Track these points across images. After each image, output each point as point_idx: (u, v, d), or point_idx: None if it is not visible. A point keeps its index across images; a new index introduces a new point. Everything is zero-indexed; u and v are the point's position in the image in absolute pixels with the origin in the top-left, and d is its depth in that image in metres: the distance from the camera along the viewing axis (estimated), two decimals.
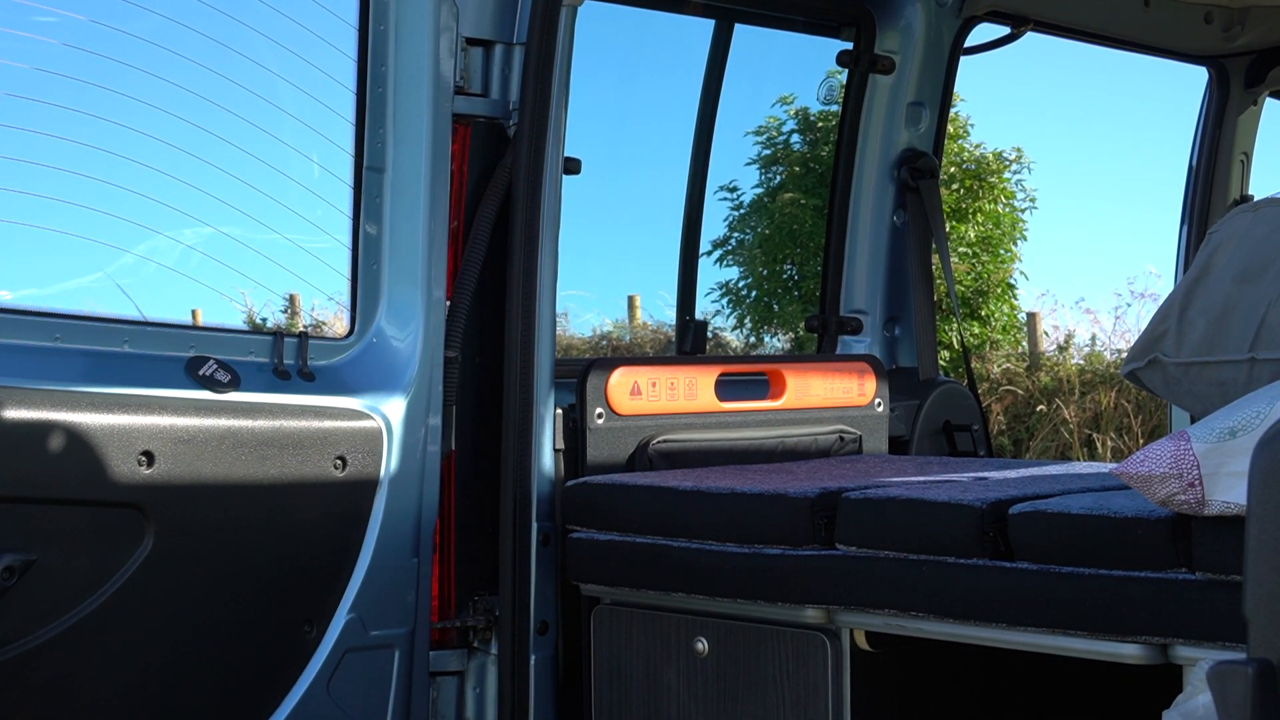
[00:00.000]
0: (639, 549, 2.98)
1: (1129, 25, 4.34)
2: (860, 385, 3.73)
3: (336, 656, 2.91)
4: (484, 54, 3.15)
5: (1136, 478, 2.38)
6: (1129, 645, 2.48)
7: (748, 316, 13.56)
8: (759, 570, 2.82)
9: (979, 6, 4.06)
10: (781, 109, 11.66)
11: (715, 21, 4.13)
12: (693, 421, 3.41)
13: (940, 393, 4.05)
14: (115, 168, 3.14)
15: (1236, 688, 1.60)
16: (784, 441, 3.57)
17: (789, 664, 2.82)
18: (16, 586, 2.49)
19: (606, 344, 13.93)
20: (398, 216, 3.06)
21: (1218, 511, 2.34)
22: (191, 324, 3.09)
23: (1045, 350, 13.53)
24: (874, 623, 2.76)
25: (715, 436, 3.45)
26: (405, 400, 3.00)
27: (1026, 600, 2.56)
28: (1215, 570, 2.38)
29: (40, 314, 2.68)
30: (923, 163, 4.10)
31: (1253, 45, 4.53)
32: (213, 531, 2.69)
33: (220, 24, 3.10)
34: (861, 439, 3.71)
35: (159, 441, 2.63)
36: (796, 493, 2.82)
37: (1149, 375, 2.86)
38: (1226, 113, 4.69)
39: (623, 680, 3.05)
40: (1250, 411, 2.34)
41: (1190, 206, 4.77)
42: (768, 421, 3.56)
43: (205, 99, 3.20)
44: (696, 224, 4.36)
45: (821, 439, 3.64)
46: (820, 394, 3.65)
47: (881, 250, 4.12)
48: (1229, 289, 2.74)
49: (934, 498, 2.69)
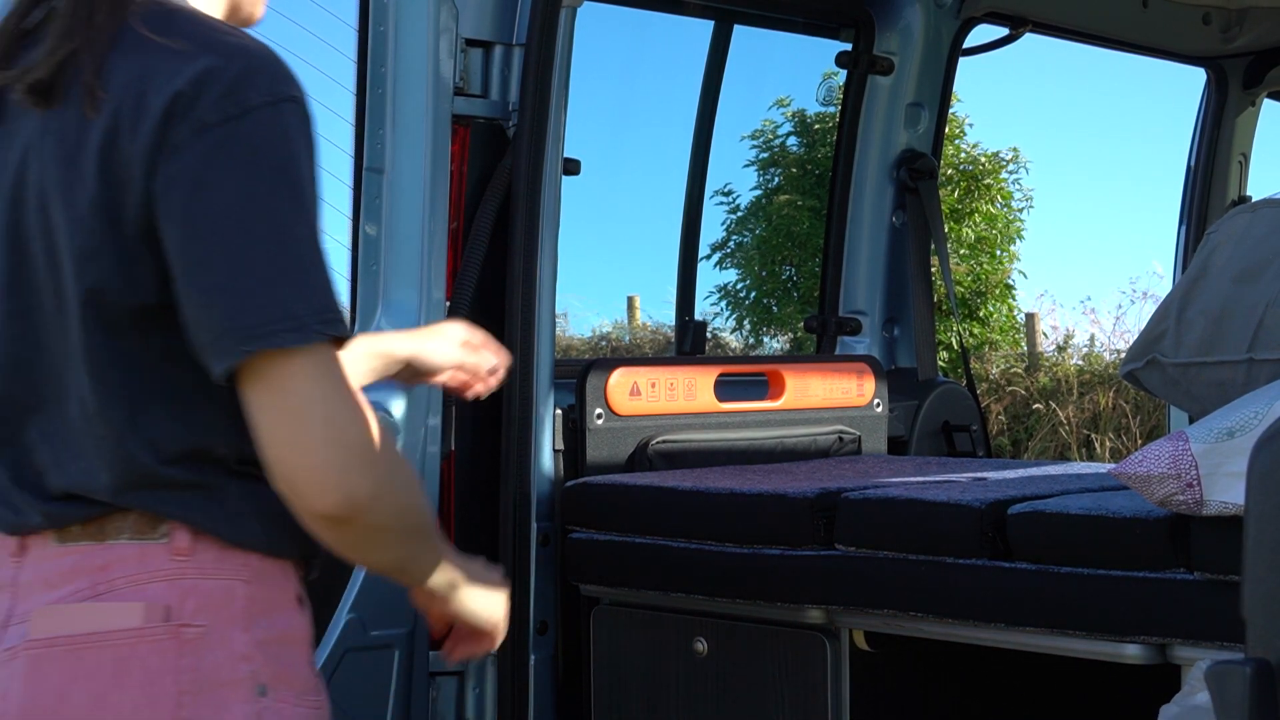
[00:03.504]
0: (639, 549, 2.99)
1: (1127, 26, 4.34)
2: (859, 386, 3.73)
3: (336, 656, 2.91)
4: (484, 55, 3.15)
5: (1135, 478, 2.39)
6: (1127, 645, 2.49)
7: (746, 318, 13.56)
8: (759, 570, 2.83)
9: (978, 8, 4.07)
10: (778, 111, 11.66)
11: (714, 23, 4.14)
12: (692, 422, 3.42)
13: (939, 393, 4.05)
14: None
15: (1234, 687, 1.60)
16: (783, 442, 3.57)
17: (789, 664, 2.82)
18: None
19: (606, 344, 13.93)
20: (397, 217, 3.06)
21: (1216, 512, 2.34)
22: None
23: (1044, 351, 13.54)
24: (873, 623, 2.76)
25: (715, 437, 3.45)
26: (404, 400, 3.00)
27: (1025, 600, 2.57)
28: (1213, 570, 2.39)
29: None
30: (922, 164, 4.10)
31: (1251, 46, 4.54)
32: None
33: None
34: (861, 439, 3.71)
35: None
36: (796, 493, 2.82)
37: (1147, 376, 2.86)
38: (1225, 114, 4.69)
39: (622, 680, 3.05)
40: (1248, 412, 2.34)
41: (1189, 207, 4.78)
42: (767, 422, 3.56)
43: None
44: (696, 223, 4.36)
45: (821, 439, 3.64)
46: (819, 394, 3.66)
47: (880, 251, 4.12)
48: (1227, 289, 2.75)
49: (933, 498, 2.70)
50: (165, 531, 1.80)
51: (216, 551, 1.82)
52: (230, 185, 1.72)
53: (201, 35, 1.78)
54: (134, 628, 1.78)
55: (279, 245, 1.73)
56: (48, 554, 1.83)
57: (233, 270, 1.71)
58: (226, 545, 1.82)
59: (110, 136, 1.74)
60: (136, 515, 1.80)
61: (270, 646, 1.83)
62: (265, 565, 1.84)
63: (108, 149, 1.74)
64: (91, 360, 1.78)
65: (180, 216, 1.72)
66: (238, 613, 1.82)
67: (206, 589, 1.81)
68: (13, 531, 1.84)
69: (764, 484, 2.94)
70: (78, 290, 1.76)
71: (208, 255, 1.71)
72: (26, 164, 1.80)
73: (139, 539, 1.80)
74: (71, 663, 1.78)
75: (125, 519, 1.80)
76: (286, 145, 1.76)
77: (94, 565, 1.81)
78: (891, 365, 4.09)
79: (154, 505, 1.80)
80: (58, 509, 1.82)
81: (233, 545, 1.82)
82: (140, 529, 1.81)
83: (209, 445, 1.81)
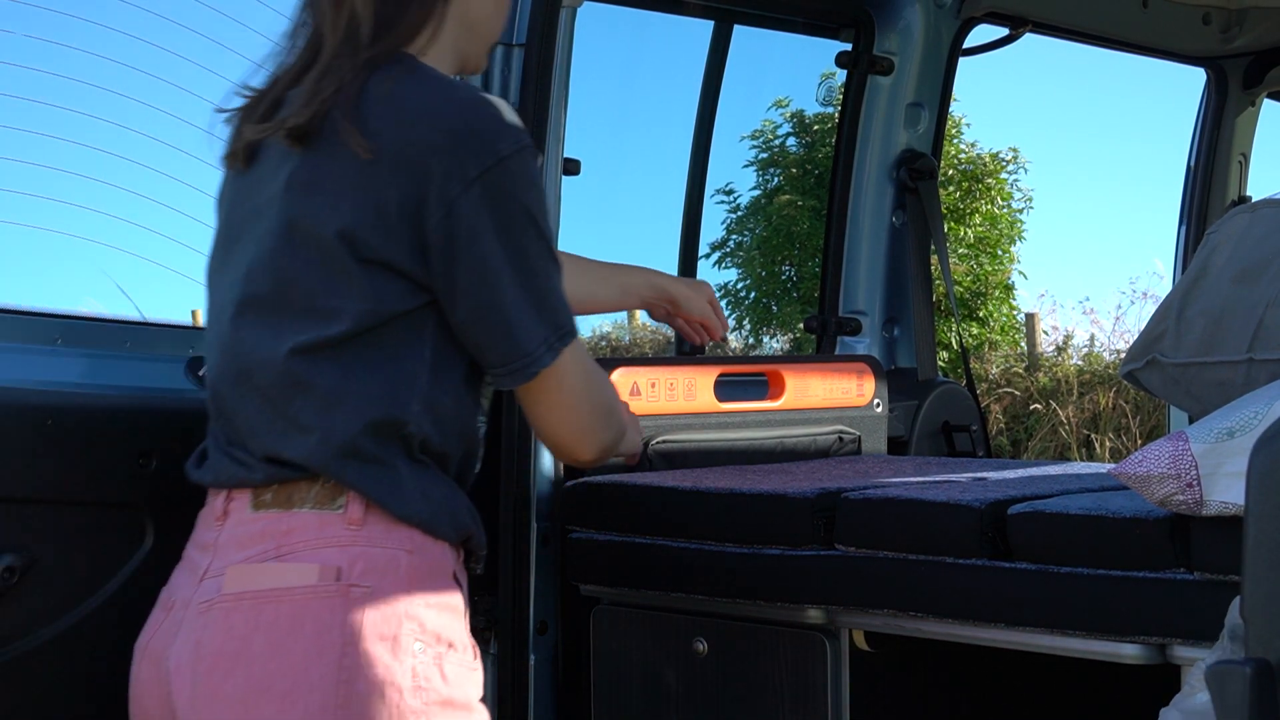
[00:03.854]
0: (639, 549, 2.99)
1: (1127, 26, 4.34)
2: (859, 386, 3.73)
3: None
4: None
5: (1135, 478, 2.39)
6: (1127, 645, 2.49)
7: (746, 318, 13.57)
8: (759, 570, 2.83)
9: (978, 8, 4.07)
10: (777, 112, 11.66)
11: (714, 23, 4.14)
12: (692, 422, 3.42)
13: (939, 393, 4.05)
14: (115, 168, 3.14)
15: (1234, 687, 1.61)
16: (783, 442, 3.57)
17: (789, 664, 2.82)
18: (17, 586, 2.49)
19: (606, 344, 13.94)
20: None
21: (1216, 512, 2.34)
22: (192, 324, 3.09)
23: (1044, 351, 13.55)
24: (874, 623, 2.76)
25: (715, 437, 3.45)
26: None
27: (1025, 600, 2.57)
28: (1213, 570, 2.39)
29: (40, 314, 2.68)
30: (921, 164, 4.10)
31: (1251, 47, 4.54)
32: None
33: (220, 24, 3.10)
34: (860, 439, 3.72)
35: (159, 441, 2.63)
36: (796, 493, 2.82)
37: (1147, 376, 2.86)
38: (1224, 114, 4.69)
39: (622, 680, 3.05)
40: (1248, 412, 2.34)
41: (1189, 207, 4.78)
42: (767, 422, 3.56)
43: (206, 99, 3.20)
44: (696, 223, 4.36)
45: (821, 439, 3.64)
46: (819, 394, 3.66)
47: (880, 251, 4.12)
48: (1227, 289, 2.75)
49: (933, 498, 2.70)
50: (342, 504, 2.11)
51: (385, 524, 2.12)
52: (496, 231, 2.11)
53: (443, 90, 2.14)
54: (309, 585, 2.07)
55: (535, 277, 2.14)
56: (243, 519, 2.14)
57: (506, 309, 2.13)
58: (394, 520, 2.12)
59: (369, 179, 2.09)
60: (320, 486, 2.11)
61: (427, 609, 2.12)
62: (425, 542, 2.14)
63: (366, 190, 2.09)
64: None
65: (456, 262, 2.10)
66: (400, 578, 2.11)
67: (374, 555, 2.10)
68: (230, 484, 2.16)
69: (764, 484, 2.94)
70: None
71: (490, 299, 2.12)
72: (287, 195, 2.14)
73: (319, 509, 2.11)
74: (254, 614, 2.08)
75: (310, 489, 2.11)
76: (530, 186, 2.14)
77: (280, 530, 2.11)
78: (891, 365, 4.09)
79: (340, 473, 2.09)
80: (264, 469, 2.13)
81: (399, 520, 2.12)
82: (321, 500, 2.11)
83: (402, 425, 2.12)
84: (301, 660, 2.05)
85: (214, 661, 2.08)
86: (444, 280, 2.12)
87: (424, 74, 2.16)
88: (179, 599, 2.18)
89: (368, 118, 2.09)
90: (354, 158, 2.09)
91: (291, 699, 2.04)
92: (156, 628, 2.20)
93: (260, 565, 2.10)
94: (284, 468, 2.12)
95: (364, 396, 2.11)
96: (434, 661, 2.11)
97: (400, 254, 2.10)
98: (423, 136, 2.08)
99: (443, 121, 2.09)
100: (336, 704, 2.04)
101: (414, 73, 2.15)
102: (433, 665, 2.11)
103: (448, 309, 2.14)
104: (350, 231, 2.09)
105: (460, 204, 2.08)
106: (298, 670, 2.04)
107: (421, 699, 2.08)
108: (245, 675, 2.06)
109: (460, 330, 2.15)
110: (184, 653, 2.12)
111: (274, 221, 2.15)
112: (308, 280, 2.12)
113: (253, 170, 2.22)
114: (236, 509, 2.15)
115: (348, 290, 2.11)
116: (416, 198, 2.08)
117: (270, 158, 2.19)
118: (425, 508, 2.14)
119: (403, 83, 2.12)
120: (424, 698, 2.09)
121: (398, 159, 2.08)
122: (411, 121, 2.09)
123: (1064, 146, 30.23)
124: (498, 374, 2.19)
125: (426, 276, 2.12)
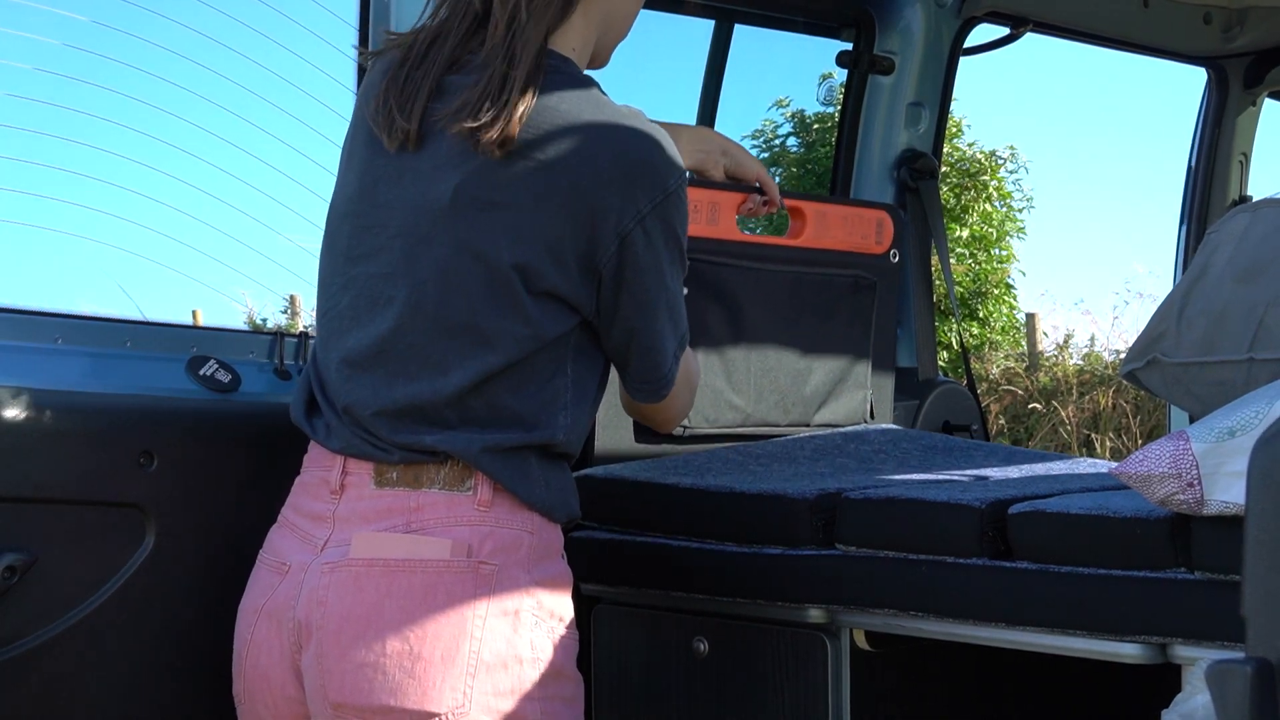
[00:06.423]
0: (639, 548, 2.99)
1: (1128, 26, 4.34)
2: (879, 233, 3.68)
3: None
4: None
5: (1135, 477, 2.39)
6: (1128, 645, 2.49)
7: None
8: (759, 570, 2.83)
9: (979, 7, 4.07)
10: (778, 112, 11.66)
11: (715, 22, 4.13)
12: (712, 248, 3.31)
13: (939, 393, 4.05)
14: (115, 168, 3.15)
15: (1235, 687, 1.61)
16: (801, 278, 3.51)
17: (789, 664, 2.82)
18: (16, 586, 2.49)
19: None
20: None
21: (1216, 511, 2.34)
22: (191, 324, 3.09)
23: (1044, 350, 13.55)
24: (874, 623, 2.76)
25: (732, 263, 3.37)
26: None
27: (1026, 600, 2.57)
28: (1214, 570, 2.38)
29: (40, 314, 2.68)
30: (922, 163, 4.10)
31: (1251, 46, 4.54)
32: (213, 531, 2.69)
33: (220, 24, 3.10)
34: (877, 285, 3.65)
35: (159, 441, 2.63)
36: (796, 493, 2.82)
37: (1148, 375, 2.86)
38: (1225, 113, 4.69)
39: (622, 680, 3.05)
40: (1249, 411, 2.34)
41: (1189, 207, 4.77)
42: (787, 258, 3.51)
43: (206, 99, 3.20)
44: None
45: (837, 280, 3.59)
46: (839, 236, 3.61)
47: None
48: (1228, 289, 2.75)
49: (933, 498, 2.70)
50: (471, 485, 2.23)
51: (510, 507, 2.26)
52: (657, 262, 2.27)
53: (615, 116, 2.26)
54: (443, 559, 2.20)
55: (677, 299, 2.34)
56: (364, 494, 2.25)
57: (655, 335, 2.33)
58: (518, 503, 2.26)
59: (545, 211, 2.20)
60: (449, 468, 2.23)
61: (545, 585, 2.29)
62: (544, 524, 2.30)
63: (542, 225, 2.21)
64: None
65: (621, 290, 2.27)
66: (523, 557, 2.26)
67: (501, 535, 2.24)
68: (355, 455, 2.26)
69: (765, 483, 2.94)
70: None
71: (644, 324, 2.31)
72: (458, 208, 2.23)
73: (449, 490, 2.23)
74: (387, 581, 2.19)
75: (439, 471, 2.23)
76: (684, 218, 2.30)
77: (408, 506, 2.23)
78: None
79: (478, 463, 2.22)
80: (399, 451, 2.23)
81: (523, 504, 2.27)
82: (450, 481, 2.23)
83: (552, 446, 2.28)
84: (431, 630, 2.17)
85: (343, 624, 2.19)
86: (607, 306, 2.28)
87: (595, 95, 2.27)
88: (295, 562, 2.28)
89: (545, 144, 2.19)
90: (530, 185, 2.18)
91: (425, 664, 2.16)
92: (271, 590, 2.29)
93: (394, 535, 2.21)
94: (416, 451, 2.23)
95: (517, 420, 2.25)
96: (548, 635, 2.28)
97: (571, 285, 2.24)
98: (601, 169, 2.20)
99: (617, 153, 2.21)
100: (465, 672, 2.18)
101: (586, 89, 2.26)
102: (546, 639, 2.27)
103: (603, 331, 2.31)
104: (525, 265, 2.20)
105: (632, 236, 2.23)
106: (430, 638, 2.17)
107: (538, 669, 2.25)
108: (378, 639, 2.17)
109: (608, 346, 2.34)
110: (310, 612, 2.22)
111: (444, 234, 2.22)
112: (474, 300, 2.21)
113: (418, 154, 2.27)
114: (355, 483, 2.26)
115: (515, 316, 2.21)
116: (590, 229, 2.21)
117: (439, 148, 2.25)
118: (547, 494, 2.29)
119: (578, 103, 2.23)
120: (540, 668, 2.25)
121: (573, 190, 2.19)
122: (592, 154, 2.20)
123: (1063, 146, 30.24)
124: (632, 386, 2.41)
125: (589, 303, 2.26)
